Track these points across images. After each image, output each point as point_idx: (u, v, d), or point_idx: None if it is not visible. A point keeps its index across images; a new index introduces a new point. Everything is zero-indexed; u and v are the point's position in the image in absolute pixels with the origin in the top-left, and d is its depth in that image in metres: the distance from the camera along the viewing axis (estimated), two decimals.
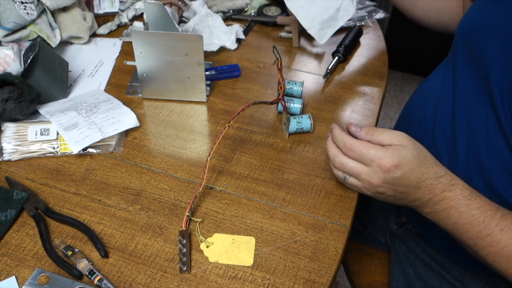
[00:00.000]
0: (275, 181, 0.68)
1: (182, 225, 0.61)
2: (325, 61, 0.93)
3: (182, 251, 0.58)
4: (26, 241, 0.59)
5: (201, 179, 0.63)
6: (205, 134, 0.76)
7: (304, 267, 0.58)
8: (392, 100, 2.18)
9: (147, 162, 0.70)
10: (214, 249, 0.59)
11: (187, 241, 0.59)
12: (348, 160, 0.61)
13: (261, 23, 1.03)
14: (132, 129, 0.75)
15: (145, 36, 0.73)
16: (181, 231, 0.60)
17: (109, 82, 0.85)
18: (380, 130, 0.61)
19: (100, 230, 0.61)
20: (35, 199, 0.63)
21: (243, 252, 0.59)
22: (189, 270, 0.57)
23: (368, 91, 0.86)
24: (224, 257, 0.58)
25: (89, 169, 0.69)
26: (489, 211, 0.58)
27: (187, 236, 0.59)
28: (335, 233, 0.62)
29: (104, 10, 1.01)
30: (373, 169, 0.58)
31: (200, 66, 0.76)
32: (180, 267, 0.57)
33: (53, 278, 0.54)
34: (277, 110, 0.79)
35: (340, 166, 0.62)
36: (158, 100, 0.81)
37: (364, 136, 0.61)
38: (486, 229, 0.57)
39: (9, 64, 0.74)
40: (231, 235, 0.61)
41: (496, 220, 0.57)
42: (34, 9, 0.82)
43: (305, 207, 0.65)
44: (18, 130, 0.71)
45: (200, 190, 0.63)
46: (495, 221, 0.57)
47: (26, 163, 0.69)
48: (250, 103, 0.66)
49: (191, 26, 0.94)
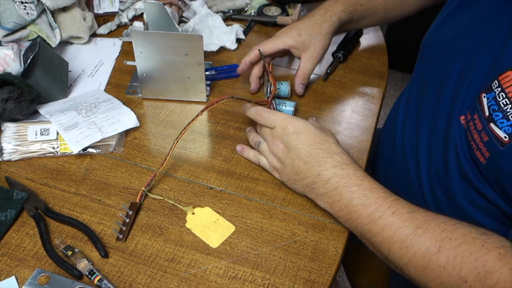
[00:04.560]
0: (275, 181, 0.68)
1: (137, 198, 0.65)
2: (325, 61, 0.93)
3: (125, 221, 0.61)
4: (26, 241, 0.59)
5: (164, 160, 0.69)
6: (205, 134, 0.76)
7: (304, 267, 0.58)
8: (392, 100, 2.18)
9: (147, 162, 0.70)
10: (196, 219, 0.63)
11: (133, 213, 0.62)
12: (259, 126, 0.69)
13: (261, 23, 1.03)
14: (132, 129, 0.75)
15: (145, 36, 0.73)
16: (132, 203, 0.63)
17: (109, 82, 0.85)
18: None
19: (100, 230, 0.61)
20: (35, 199, 0.63)
21: (216, 234, 0.61)
22: (124, 239, 0.59)
23: (368, 91, 0.86)
24: (199, 229, 0.61)
25: (89, 169, 0.69)
26: (381, 193, 0.57)
27: (135, 209, 0.62)
28: (335, 233, 0.62)
29: (104, 10, 1.01)
30: (275, 130, 0.65)
31: (200, 66, 0.76)
32: (117, 235, 0.60)
33: (53, 278, 0.54)
34: None
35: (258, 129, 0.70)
36: (158, 100, 0.81)
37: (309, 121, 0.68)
38: (378, 210, 0.55)
39: (9, 64, 0.74)
40: (217, 215, 0.63)
41: (388, 203, 0.55)
42: (34, 9, 0.82)
43: (305, 207, 0.65)
44: (18, 130, 0.71)
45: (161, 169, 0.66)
46: (387, 203, 0.55)
47: (26, 163, 0.69)
48: (227, 97, 0.67)
49: (191, 26, 0.94)
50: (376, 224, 0.55)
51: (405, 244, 0.53)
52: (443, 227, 0.52)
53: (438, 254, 0.51)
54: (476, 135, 0.58)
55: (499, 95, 0.54)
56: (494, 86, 0.55)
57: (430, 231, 0.52)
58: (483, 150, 0.57)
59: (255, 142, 0.70)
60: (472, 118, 0.59)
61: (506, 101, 0.53)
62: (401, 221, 0.54)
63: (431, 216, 0.54)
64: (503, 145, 0.53)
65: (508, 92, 0.53)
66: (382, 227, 0.55)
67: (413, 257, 0.52)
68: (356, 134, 0.77)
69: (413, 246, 0.52)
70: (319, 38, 0.81)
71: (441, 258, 0.50)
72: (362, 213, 0.56)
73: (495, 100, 0.55)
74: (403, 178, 0.76)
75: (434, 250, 0.51)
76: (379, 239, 0.55)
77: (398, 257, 0.54)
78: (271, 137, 0.65)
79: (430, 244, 0.51)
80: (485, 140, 0.56)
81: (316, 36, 0.81)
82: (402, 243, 0.53)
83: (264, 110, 0.67)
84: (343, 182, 0.58)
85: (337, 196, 0.58)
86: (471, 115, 0.59)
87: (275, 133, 0.65)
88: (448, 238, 0.51)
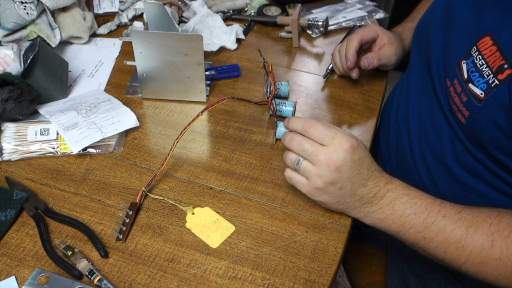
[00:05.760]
0: (275, 181, 0.68)
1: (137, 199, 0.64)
2: (325, 61, 0.93)
3: (125, 221, 0.61)
4: (26, 241, 0.59)
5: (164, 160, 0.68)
6: (205, 134, 0.76)
7: (304, 267, 0.58)
8: None
9: (147, 162, 0.70)
10: (196, 219, 0.62)
11: (133, 213, 0.62)
12: (307, 140, 0.58)
13: (261, 23, 1.03)
14: (132, 129, 0.75)
15: (145, 36, 0.73)
16: (132, 203, 0.63)
17: (109, 82, 0.85)
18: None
19: (100, 230, 0.61)
20: (35, 199, 0.63)
21: (216, 234, 0.61)
22: (124, 239, 0.59)
23: (368, 91, 0.86)
24: (199, 229, 0.61)
25: (89, 169, 0.69)
26: (428, 198, 0.59)
27: (135, 209, 0.62)
28: (335, 233, 0.62)
29: (104, 10, 1.01)
30: (333, 147, 0.56)
31: (200, 66, 0.76)
32: (117, 235, 0.60)
33: (53, 278, 0.54)
34: (269, 113, 0.79)
35: (297, 146, 0.58)
36: (158, 100, 0.81)
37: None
38: (430, 216, 0.57)
39: (9, 64, 0.74)
40: (217, 215, 0.63)
41: (437, 207, 0.57)
42: (34, 9, 0.82)
43: (305, 207, 0.64)
44: (18, 130, 0.71)
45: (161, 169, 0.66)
46: (436, 208, 0.57)
47: (26, 163, 0.69)
48: (227, 97, 0.67)
49: (191, 26, 0.94)
50: (430, 230, 0.57)
51: (461, 244, 0.56)
52: (489, 221, 0.55)
53: (492, 248, 0.54)
54: (457, 98, 0.63)
55: (477, 57, 0.60)
56: (472, 51, 0.61)
57: (480, 228, 0.55)
58: (463, 111, 0.62)
59: (292, 160, 0.59)
60: (452, 83, 0.64)
61: (482, 61, 0.59)
62: (453, 222, 0.56)
63: (476, 212, 0.57)
64: (480, 102, 0.58)
65: (484, 54, 0.59)
66: (436, 232, 0.57)
67: (470, 255, 0.55)
68: (356, 134, 0.77)
69: (468, 245, 0.55)
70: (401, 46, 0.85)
71: (495, 252, 0.54)
72: (415, 222, 0.58)
73: (473, 63, 0.60)
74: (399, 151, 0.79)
75: (488, 245, 0.54)
76: (434, 244, 0.57)
77: (456, 258, 0.57)
78: (324, 158, 0.56)
79: (483, 240, 0.55)
80: (464, 100, 0.61)
81: (399, 43, 0.84)
82: (458, 244, 0.56)
83: (316, 121, 0.59)
84: (395, 195, 0.59)
85: (390, 210, 0.59)
86: (451, 81, 0.64)
87: (333, 153, 0.56)
88: (497, 231, 0.54)
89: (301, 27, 0.99)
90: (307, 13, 1.06)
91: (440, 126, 0.69)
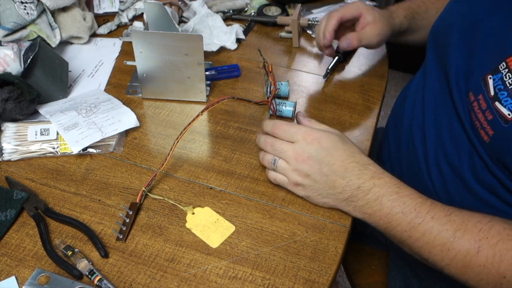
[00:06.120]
0: None
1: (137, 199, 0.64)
2: (325, 61, 0.93)
3: (125, 221, 0.61)
4: (26, 241, 0.59)
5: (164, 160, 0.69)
6: (205, 134, 0.76)
7: (304, 267, 0.58)
8: (392, 100, 2.17)
9: (147, 162, 0.70)
10: (196, 219, 0.62)
11: (133, 213, 0.62)
12: (276, 140, 0.63)
13: (261, 23, 1.03)
14: (132, 129, 0.75)
15: (145, 36, 0.73)
16: (132, 203, 0.63)
17: (109, 82, 0.85)
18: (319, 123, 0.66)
19: (100, 230, 0.61)
20: (35, 199, 0.63)
21: (216, 234, 0.61)
22: (124, 239, 0.59)
23: (368, 91, 0.86)
24: (199, 229, 0.61)
25: (89, 169, 0.69)
26: (418, 198, 0.58)
27: (135, 209, 0.62)
28: (335, 233, 0.62)
29: (104, 10, 1.01)
30: (298, 144, 0.61)
31: (200, 66, 0.76)
32: (117, 235, 0.60)
33: (53, 278, 0.54)
34: (269, 113, 0.79)
35: (270, 147, 0.63)
36: (158, 100, 0.81)
37: (306, 122, 0.67)
38: (418, 217, 0.56)
39: (9, 64, 0.74)
40: (217, 215, 0.63)
41: (426, 207, 0.57)
42: (34, 9, 0.82)
43: (305, 207, 0.65)
44: (18, 130, 0.71)
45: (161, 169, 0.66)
46: (425, 208, 0.57)
47: (26, 163, 0.69)
48: (227, 97, 0.67)
49: (191, 26, 0.94)
50: (417, 230, 0.57)
51: (446, 247, 0.55)
52: (479, 226, 0.54)
53: (478, 254, 0.53)
54: (480, 114, 0.60)
55: (506, 75, 0.57)
56: (501, 67, 0.57)
57: (468, 233, 0.54)
58: (487, 129, 0.59)
59: (269, 161, 0.64)
60: (476, 98, 0.61)
61: None
62: (441, 225, 0.56)
63: (467, 216, 0.56)
64: (506, 122, 0.56)
65: None
66: (422, 232, 0.56)
67: (454, 258, 0.55)
68: (356, 134, 0.77)
69: (454, 249, 0.55)
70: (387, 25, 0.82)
71: (480, 258, 0.53)
72: (402, 221, 0.57)
73: (501, 80, 0.57)
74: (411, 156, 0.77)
75: (474, 251, 0.54)
76: (419, 244, 0.57)
77: (439, 259, 0.56)
78: (292, 153, 0.61)
79: (469, 245, 0.54)
80: (489, 118, 0.58)
81: (386, 21, 0.82)
82: (443, 246, 0.55)
83: (282, 122, 0.63)
84: (383, 192, 0.58)
85: (377, 206, 0.59)
86: (475, 96, 0.61)
87: (299, 148, 0.61)
88: (485, 237, 0.53)
89: (301, 27, 0.99)
90: (307, 13, 1.06)
91: (459, 139, 0.66)
